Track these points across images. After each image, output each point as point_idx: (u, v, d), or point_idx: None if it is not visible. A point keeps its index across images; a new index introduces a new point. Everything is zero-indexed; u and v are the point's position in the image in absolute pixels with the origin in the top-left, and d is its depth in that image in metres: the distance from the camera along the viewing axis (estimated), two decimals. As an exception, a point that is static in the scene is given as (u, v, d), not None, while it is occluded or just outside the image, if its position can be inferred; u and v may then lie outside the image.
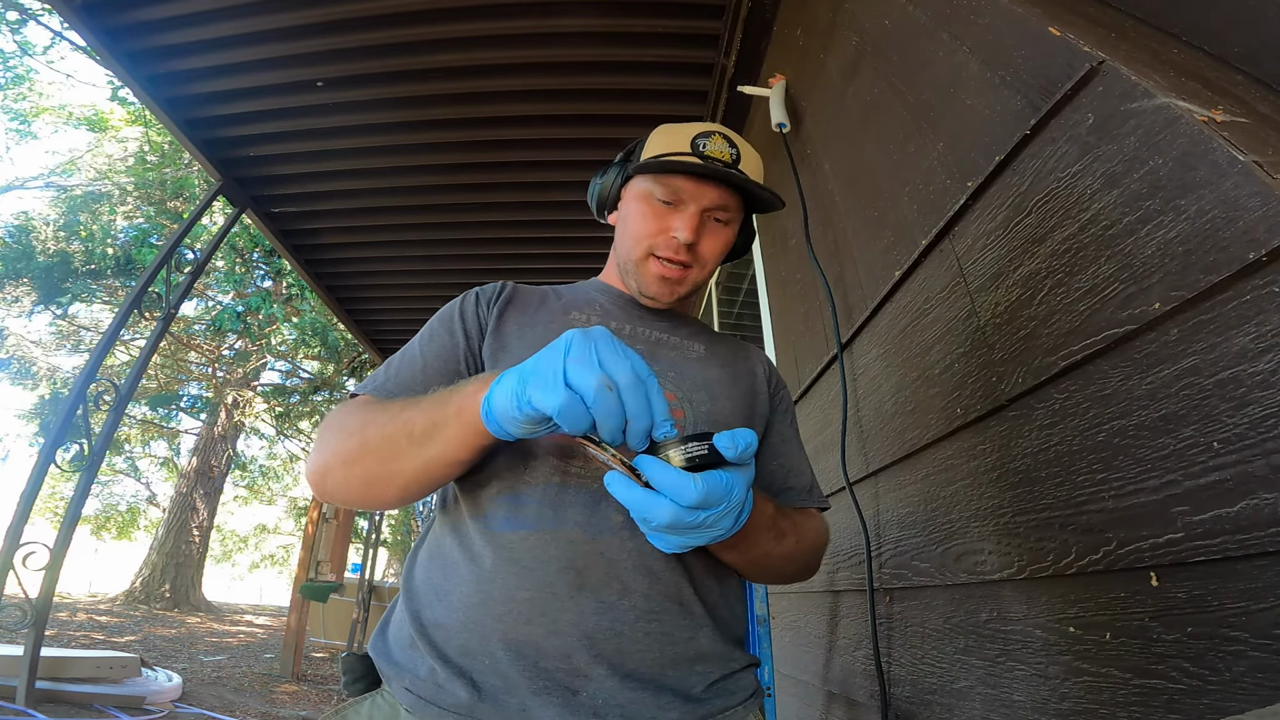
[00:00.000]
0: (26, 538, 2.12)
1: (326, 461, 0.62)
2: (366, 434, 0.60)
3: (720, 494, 0.46)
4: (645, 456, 0.47)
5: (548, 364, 0.47)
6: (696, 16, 2.01)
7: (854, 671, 1.13)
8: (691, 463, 0.46)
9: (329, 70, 2.19)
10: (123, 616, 7.50)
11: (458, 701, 0.55)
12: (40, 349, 10.21)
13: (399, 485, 0.59)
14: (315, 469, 0.64)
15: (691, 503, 0.46)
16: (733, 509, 0.48)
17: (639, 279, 0.75)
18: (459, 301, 0.76)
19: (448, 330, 0.72)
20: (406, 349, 0.73)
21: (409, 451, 0.56)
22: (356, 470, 0.60)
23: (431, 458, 0.56)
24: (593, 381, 0.44)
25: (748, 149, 0.75)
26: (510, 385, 0.48)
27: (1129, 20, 0.77)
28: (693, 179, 0.72)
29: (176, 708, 3.65)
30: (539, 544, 0.60)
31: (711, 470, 0.46)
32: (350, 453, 0.60)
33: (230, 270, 9.51)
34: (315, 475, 0.64)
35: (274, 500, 16.12)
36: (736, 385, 0.76)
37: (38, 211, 9.13)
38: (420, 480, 0.58)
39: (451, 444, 0.54)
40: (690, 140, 0.72)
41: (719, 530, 0.49)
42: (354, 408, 0.64)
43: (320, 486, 0.64)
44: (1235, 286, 0.46)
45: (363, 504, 0.66)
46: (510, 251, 3.25)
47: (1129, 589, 0.55)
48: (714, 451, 0.47)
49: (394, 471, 0.58)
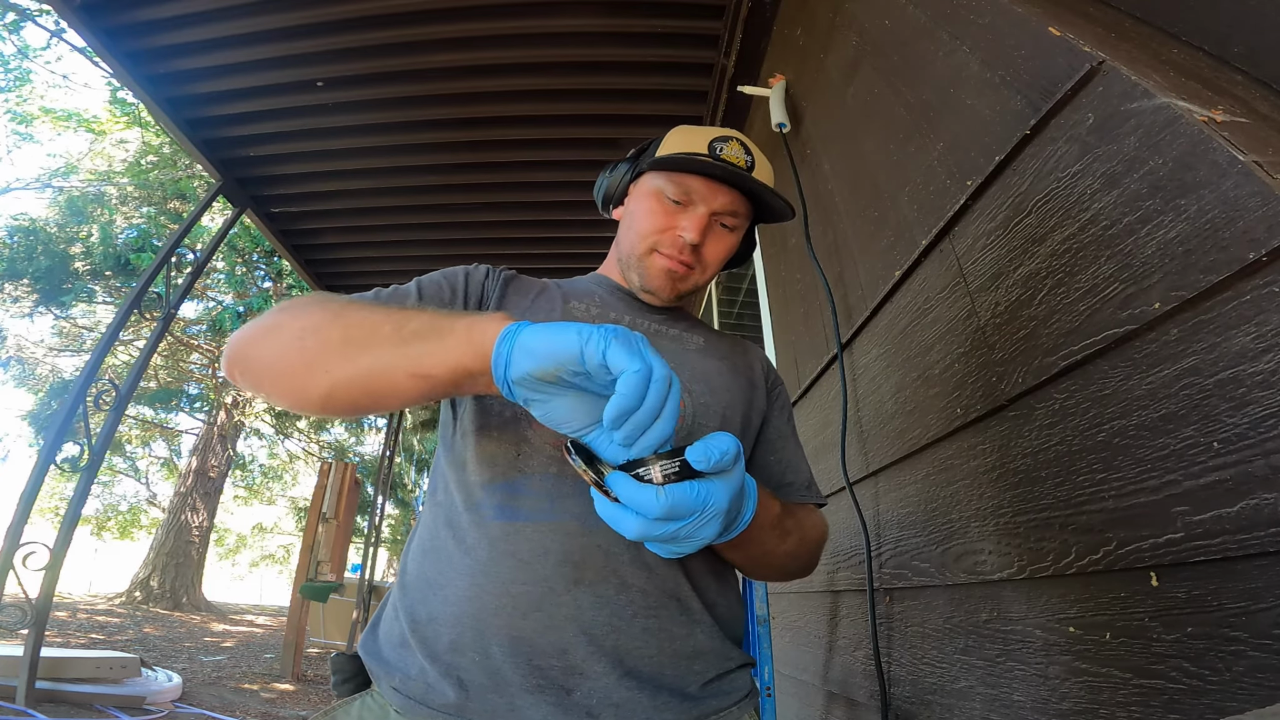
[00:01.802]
0: (26, 538, 2.12)
1: (277, 322, 0.56)
2: (345, 310, 0.54)
3: (691, 505, 0.45)
4: (616, 473, 0.47)
5: (628, 334, 0.44)
6: (696, 16, 2.01)
7: (854, 671, 1.13)
8: (664, 480, 0.46)
9: (329, 70, 2.19)
10: (123, 616, 7.50)
11: (446, 701, 0.55)
12: (41, 350, 10.21)
13: (341, 376, 0.52)
14: (253, 330, 0.57)
15: (657, 515, 0.45)
16: (711, 517, 0.47)
17: (642, 273, 0.75)
18: (468, 267, 0.75)
19: (450, 286, 0.71)
20: (401, 285, 0.69)
21: (388, 341, 0.51)
22: (310, 341, 0.53)
23: (409, 356, 0.50)
24: (664, 370, 0.43)
25: (763, 159, 0.75)
26: (578, 329, 0.44)
27: (1129, 20, 0.77)
28: (706, 180, 0.71)
29: (176, 708, 3.65)
30: (535, 536, 0.59)
31: (681, 483, 0.46)
32: (313, 320, 0.54)
33: (231, 271, 9.52)
34: (248, 336, 0.57)
35: (274, 500, 16.12)
36: (735, 378, 0.76)
37: (38, 213, 9.15)
38: (368, 380, 0.52)
39: (442, 353, 0.49)
40: (707, 143, 0.72)
41: (703, 537, 0.48)
42: (331, 294, 0.59)
43: (244, 352, 0.57)
44: (1235, 286, 0.46)
45: (279, 386, 0.56)
46: (511, 251, 3.26)
47: (1129, 589, 0.55)
48: (686, 466, 0.46)
49: (350, 356, 0.51)
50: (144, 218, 8.97)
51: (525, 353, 0.45)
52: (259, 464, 14.28)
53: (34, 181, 9.69)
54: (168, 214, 8.93)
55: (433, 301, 0.69)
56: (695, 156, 0.70)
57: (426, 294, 0.69)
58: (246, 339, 0.57)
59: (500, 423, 0.65)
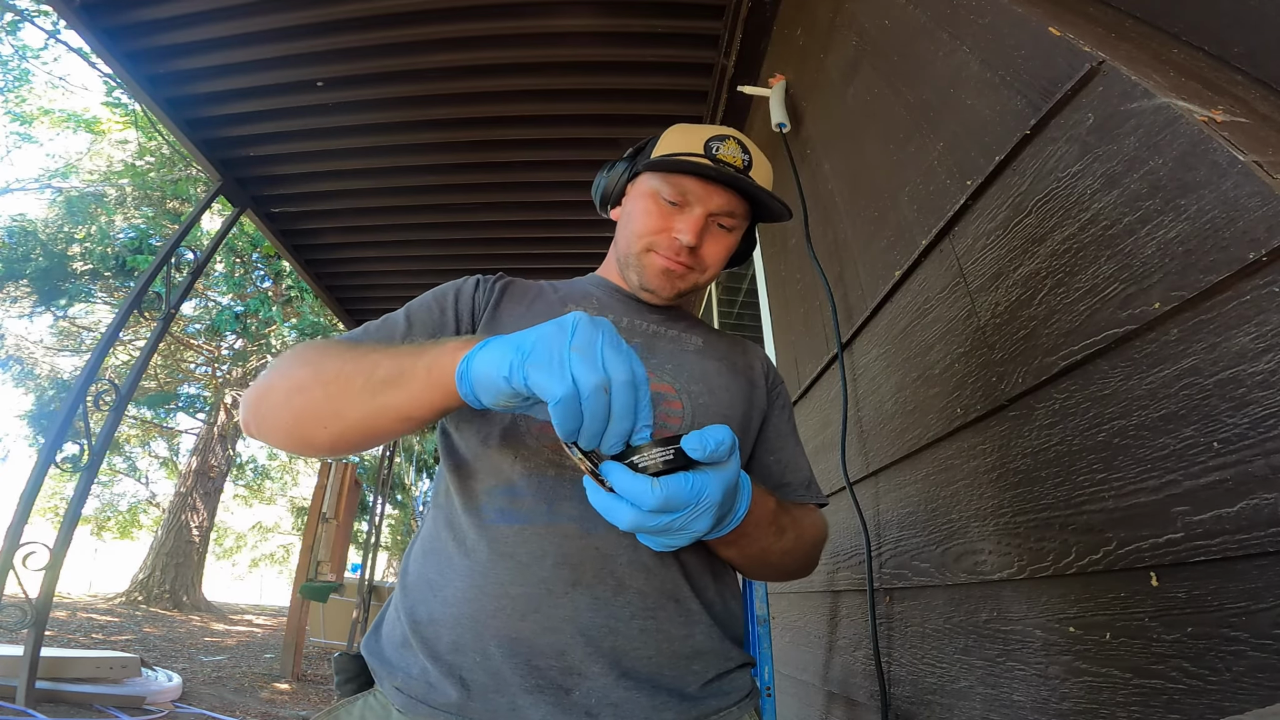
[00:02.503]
0: (26, 538, 2.12)
1: (270, 383, 0.59)
2: (323, 365, 0.56)
3: (685, 497, 0.45)
4: (610, 462, 0.46)
5: (551, 345, 0.44)
6: (696, 16, 2.01)
7: (854, 671, 1.13)
8: (659, 466, 0.45)
9: (329, 70, 2.19)
10: (123, 616, 7.50)
11: (448, 701, 0.55)
12: (41, 350, 10.21)
13: (336, 429, 0.55)
14: (255, 391, 0.60)
15: (651, 507, 0.44)
16: (705, 509, 0.47)
17: (640, 272, 0.75)
18: (459, 282, 0.75)
19: (440, 307, 0.72)
20: (391, 315, 0.71)
21: (361, 394, 0.53)
22: (297, 401, 0.56)
23: (385, 405, 0.52)
24: (593, 381, 0.43)
25: (760, 157, 0.74)
26: (502, 355, 0.46)
27: (1129, 20, 0.77)
28: (701, 181, 0.71)
29: (176, 708, 3.65)
30: (533, 538, 0.59)
31: (675, 474, 0.45)
32: (297, 380, 0.57)
33: (229, 273, 9.51)
34: (253, 397, 0.60)
35: (274, 500, 16.13)
36: (734, 378, 0.76)
37: (36, 213, 9.14)
38: (361, 428, 0.55)
39: (412, 398, 0.51)
40: (703, 142, 0.71)
41: (696, 530, 0.48)
42: (315, 343, 0.61)
43: (253, 413, 0.60)
44: (1235, 286, 0.46)
45: (289, 441, 0.60)
46: (511, 251, 3.26)
47: (1129, 589, 0.55)
48: (682, 454, 0.45)
49: (336, 411, 0.54)
50: (143, 218, 8.96)
51: (479, 388, 0.47)
52: (259, 464, 14.29)
53: (33, 182, 9.69)
54: (167, 214, 8.92)
55: (422, 327, 0.69)
56: (691, 157, 0.69)
57: (416, 320, 0.69)
58: (252, 400, 0.61)
59: (499, 428, 0.65)
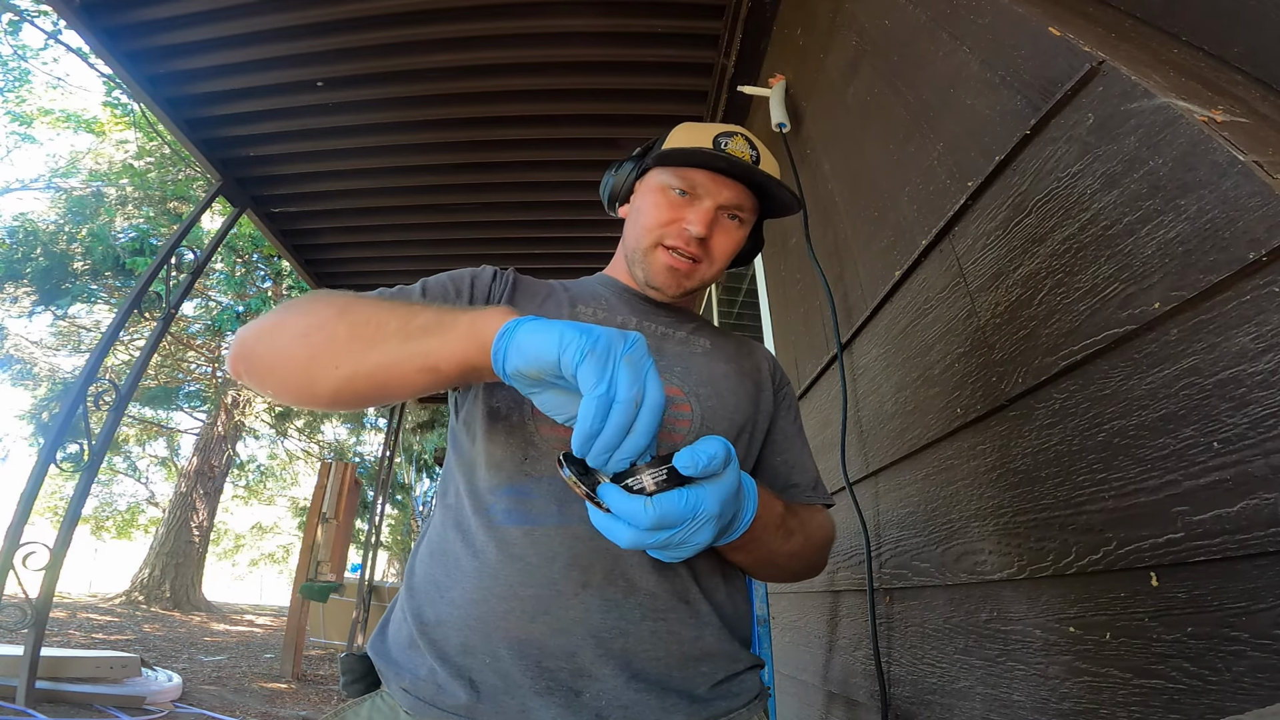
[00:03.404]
0: (26, 538, 2.12)
1: (282, 319, 0.56)
2: (352, 307, 0.55)
3: (680, 513, 0.45)
4: (606, 485, 0.47)
5: (609, 345, 0.44)
6: (696, 16, 2.01)
7: (854, 671, 1.13)
8: (652, 487, 0.46)
9: (329, 70, 2.19)
10: (123, 616, 7.50)
11: (457, 703, 0.55)
12: (41, 349, 10.21)
13: (349, 370, 0.53)
14: (259, 327, 0.57)
15: (647, 525, 0.45)
16: (703, 523, 0.47)
17: (646, 269, 0.75)
18: (475, 269, 0.75)
19: (456, 288, 0.72)
20: (406, 285, 0.70)
21: (394, 338, 0.52)
22: (317, 337, 0.54)
23: (415, 352, 0.51)
24: (631, 392, 0.43)
25: (767, 153, 0.75)
26: (563, 335, 0.45)
27: (1129, 20, 0.77)
28: (711, 174, 0.71)
29: (176, 708, 3.65)
30: (543, 540, 0.59)
31: (668, 492, 0.46)
32: (321, 316, 0.55)
33: (230, 274, 9.51)
34: (253, 333, 0.57)
35: (274, 500, 16.13)
36: (741, 381, 0.76)
37: (37, 213, 9.14)
38: (378, 375, 0.53)
39: (446, 346, 0.50)
40: (712, 138, 0.72)
41: (698, 543, 0.48)
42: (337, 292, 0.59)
43: (252, 349, 0.57)
44: (1235, 286, 0.46)
45: (288, 383, 0.56)
46: (511, 252, 3.26)
47: (1129, 589, 0.55)
48: (675, 474, 0.46)
49: (358, 353, 0.52)
50: (143, 218, 8.96)
51: (517, 350, 0.47)
52: (259, 464, 14.29)
53: (34, 182, 9.69)
54: (167, 215, 8.92)
55: (437, 301, 0.69)
56: (700, 150, 0.70)
57: (431, 294, 0.69)
58: (251, 336, 0.58)
59: (508, 427, 0.65)
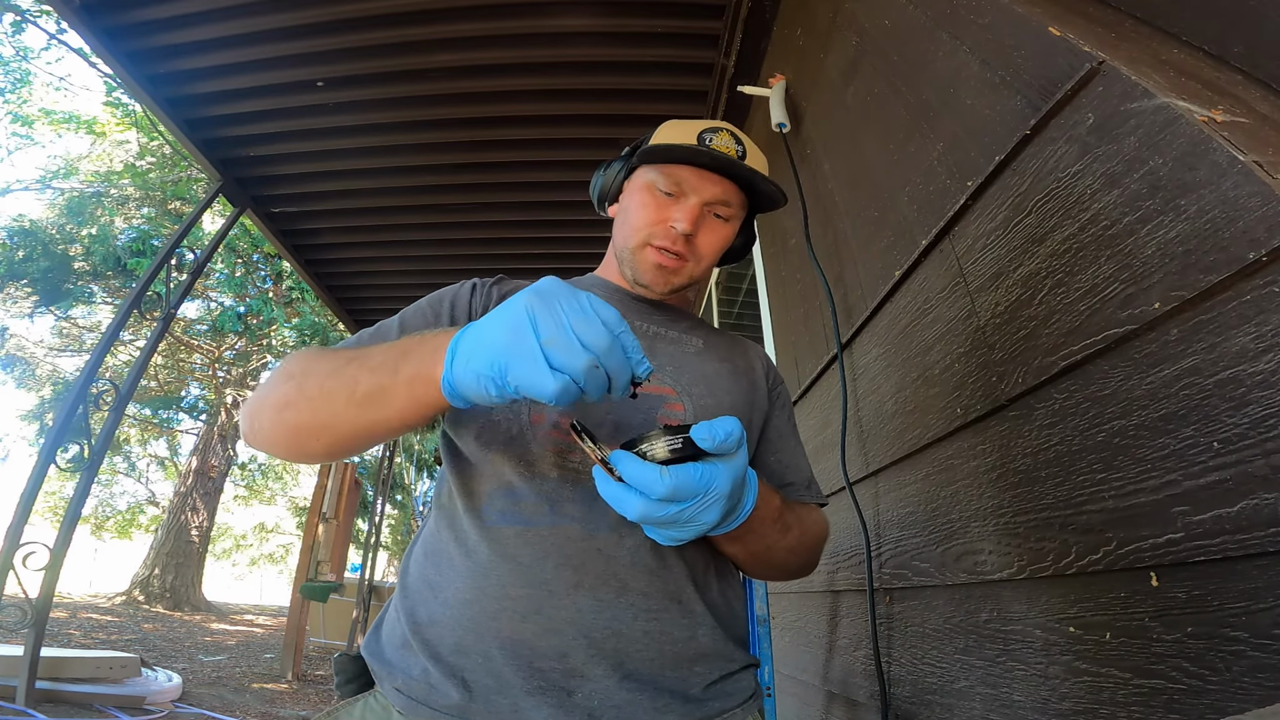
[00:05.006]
0: (26, 538, 2.12)
1: (262, 399, 0.60)
2: (305, 381, 0.56)
3: (694, 487, 0.46)
4: (620, 451, 0.47)
5: (521, 344, 0.43)
6: (696, 16, 2.01)
7: (854, 671, 1.13)
8: (667, 455, 0.45)
9: (329, 70, 2.19)
10: (123, 616, 7.50)
11: (450, 703, 0.55)
12: (42, 350, 10.21)
13: (328, 441, 0.56)
14: (250, 406, 0.61)
15: (660, 495, 0.45)
16: (714, 500, 0.47)
17: (635, 267, 0.75)
18: (455, 287, 0.75)
19: (435, 313, 0.72)
20: (385, 322, 0.71)
21: (346, 410, 0.53)
22: (286, 416, 0.57)
23: (375, 420, 0.53)
24: (581, 364, 0.42)
25: (753, 148, 0.75)
26: (480, 367, 0.44)
27: (1129, 20, 0.77)
28: (696, 170, 0.72)
29: (176, 708, 3.64)
30: (536, 540, 0.59)
31: (684, 463, 0.46)
32: (284, 396, 0.57)
33: (230, 274, 9.51)
34: (248, 412, 0.61)
35: (274, 500, 16.13)
36: (735, 379, 0.76)
37: (38, 214, 9.13)
38: (355, 438, 0.56)
39: (399, 412, 0.52)
40: (696, 134, 0.72)
41: (704, 522, 0.48)
42: (304, 354, 0.61)
43: (250, 427, 0.61)
44: (1235, 286, 0.46)
45: (287, 452, 0.61)
46: (511, 251, 3.26)
47: (1129, 589, 0.55)
48: (690, 444, 0.46)
49: (324, 425, 0.55)
50: (144, 219, 8.96)
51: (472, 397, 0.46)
52: (259, 464, 14.28)
53: (34, 182, 9.69)
54: (168, 215, 8.92)
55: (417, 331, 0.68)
56: (684, 146, 0.70)
57: (411, 325, 0.70)
58: (246, 418, 0.62)
59: (500, 430, 0.65)
